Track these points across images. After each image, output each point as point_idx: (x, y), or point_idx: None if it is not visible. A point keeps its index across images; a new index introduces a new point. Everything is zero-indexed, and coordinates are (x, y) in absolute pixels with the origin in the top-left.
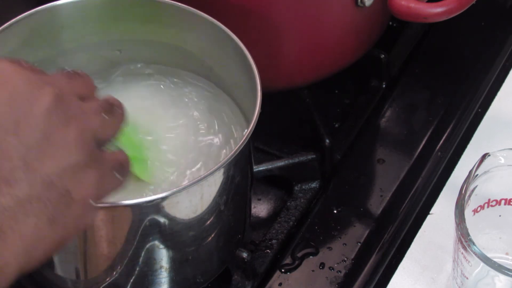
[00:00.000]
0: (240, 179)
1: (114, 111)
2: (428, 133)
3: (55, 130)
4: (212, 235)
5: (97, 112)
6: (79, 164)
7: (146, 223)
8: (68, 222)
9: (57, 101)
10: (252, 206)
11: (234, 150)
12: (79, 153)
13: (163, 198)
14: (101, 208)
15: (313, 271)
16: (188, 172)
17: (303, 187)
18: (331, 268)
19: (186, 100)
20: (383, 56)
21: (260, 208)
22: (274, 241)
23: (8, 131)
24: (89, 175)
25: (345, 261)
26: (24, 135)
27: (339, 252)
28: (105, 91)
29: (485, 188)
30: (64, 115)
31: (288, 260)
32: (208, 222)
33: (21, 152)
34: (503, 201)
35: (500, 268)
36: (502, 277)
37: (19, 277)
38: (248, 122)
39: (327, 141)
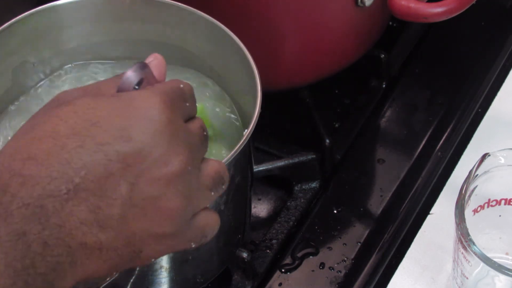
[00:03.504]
0: (240, 179)
1: (220, 188)
2: (428, 133)
3: (166, 199)
4: None
5: (209, 188)
6: (166, 235)
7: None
8: (121, 268)
9: (183, 174)
10: (252, 206)
11: (234, 150)
12: (173, 226)
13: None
14: None
15: (313, 271)
16: None
17: (303, 187)
18: (331, 268)
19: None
20: (383, 56)
21: (260, 208)
22: (274, 241)
23: (127, 179)
24: (167, 244)
25: (345, 261)
26: (138, 191)
27: (339, 252)
28: None
29: (485, 188)
30: (182, 188)
31: (288, 260)
32: None
33: (126, 205)
34: (503, 201)
35: (500, 268)
36: (502, 277)
37: None
38: (248, 122)
39: (327, 141)
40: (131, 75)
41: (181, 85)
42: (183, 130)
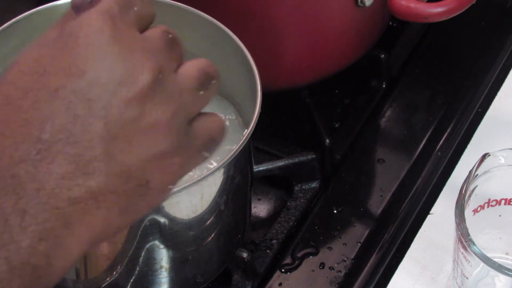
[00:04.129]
0: (240, 179)
1: (210, 84)
2: (428, 133)
3: (146, 116)
4: (212, 235)
5: (195, 89)
6: (166, 152)
7: (146, 223)
8: (139, 210)
9: (155, 83)
10: (252, 206)
11: (234, 150)
12: (168, 141)
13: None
14: None
15: (313, 271)
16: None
17: (303, 187)
18: (331, 268)
19: None
20: (383, 56)
21: (260, 208)
22: (274, 241)
23: (96, 114)
24: (173, 163)
25: (345, 261)
26: (112, 121)
27: (339, 252)
28: None
29: (485, 188)
30: (160, 99)
31: (288, 260)
32: (208, 222)
33: (106, 140)
34: (503, 201)
35: (500, 268)
36: (502, 277)
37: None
38: (248, 122)
39: (327, 141)
40: None
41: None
42: (138, 39)
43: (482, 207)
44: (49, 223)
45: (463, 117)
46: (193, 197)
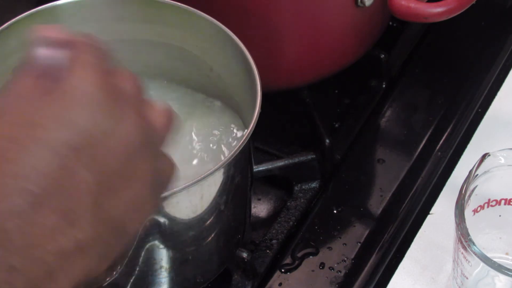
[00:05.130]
0: (240, 179)
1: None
2: (428, 133)
3: (130, 168)
4: (212, 235)
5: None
6: (143, 201)
7: (146, 223)
8: (115, 252)
9: (141, 137)
10: (252, 206)
11: (234, 150)
12: (147, 190)
13: (163, 198)
14: None
15: (313, 271)
16: (189, 173)
17: (303, 187)
18: (331, 268)
19: (186, 100)
20: (383, 56)
21: (260, 208)
22: (274, 241)
23: (85, 165)
24: (148, 207)
25: (345, 261)
26: (101, 173)
27: (339, 252)
28: None
29: (485, 188)
30: (145, 153)
31: (288, 260)
32: (208, 222)
33: (93, 191)
34: (503, 201)
35: (500, 268)
36: (502, 277)
37: None
38: (248, 122)
39: (327, 141)
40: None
41: (96, 43)
42: (118, 89)
43: (482, 207)
44: (33, 274)
45: (463, 117)
46: (193, 197)
